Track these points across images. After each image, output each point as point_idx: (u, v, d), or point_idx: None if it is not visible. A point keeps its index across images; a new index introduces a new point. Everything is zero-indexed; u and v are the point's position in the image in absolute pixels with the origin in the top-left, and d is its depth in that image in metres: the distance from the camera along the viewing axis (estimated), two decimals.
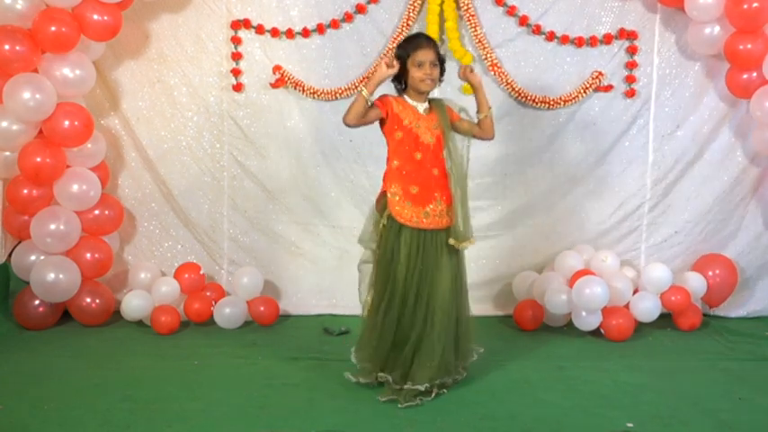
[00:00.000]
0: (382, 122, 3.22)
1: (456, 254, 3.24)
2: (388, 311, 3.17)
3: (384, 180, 3.26)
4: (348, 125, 3.14)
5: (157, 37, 4.42)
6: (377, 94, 3.17)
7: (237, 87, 4.42)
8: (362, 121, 3.13)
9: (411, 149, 3.19)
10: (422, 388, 3.10)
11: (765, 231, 4.55)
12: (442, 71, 3.26)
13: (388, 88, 3.28)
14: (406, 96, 3.26)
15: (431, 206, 3.18)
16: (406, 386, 3.11)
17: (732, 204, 4.55)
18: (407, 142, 3.19)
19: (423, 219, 3.17)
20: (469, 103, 4.54)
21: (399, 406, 3.06)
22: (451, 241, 3.19)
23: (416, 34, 3.36)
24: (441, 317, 3.15)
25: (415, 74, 3.16)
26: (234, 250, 4.57)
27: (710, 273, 4.40)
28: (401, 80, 3.24)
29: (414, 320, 3.17)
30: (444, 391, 3.20)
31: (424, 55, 3.15)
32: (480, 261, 4.51)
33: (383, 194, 3.23)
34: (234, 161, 4.50)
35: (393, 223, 3.17)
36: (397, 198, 3.17)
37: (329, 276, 4.55)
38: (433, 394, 3.15)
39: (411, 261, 3.16)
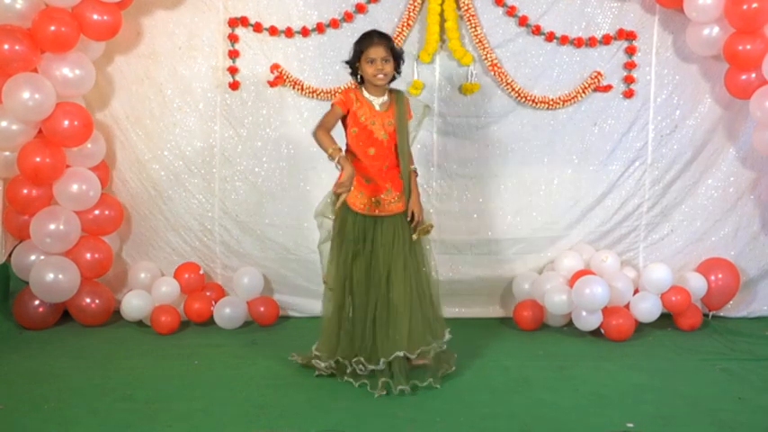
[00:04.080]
0: (343, 117, 3.38)
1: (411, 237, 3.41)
2: (343, 293, 3.38)
3: None
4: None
5: (152, 34, 4.39)
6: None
7: (234, 85, 4.39)
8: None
9: (365, 145, 3.36)
10: (388, 360, 3.23)
11: (763, 231, 4.55)
12: (399, 64, 3.39)
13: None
14: (364, 90, 3.40)
15: (383, 195, 3.40)
16: (378, 366, 3.24)
17: (729, 204, 4.55)
18: (362, 138, 3.36)
19: (375, 208, 3.38)
20: (469, 103, 4.55)
21: (394, 391, 3.17)
22: (414, 236, 3.38)
23: (369, 32, 3.42)
24: (398, 293, 3.29)
25: (367, 70, 3.32)
26: (226, 255, 4.53)
27: (713, 276, 4.39)
28: (357, 74, 3.40)
29: (371, 300, 3.33)
30: (431, 380, 3.27)
31: (375, 52, 3.30)
32: (481, 261, 4.52)
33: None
34: (226, 161, 4.46)
35: (348, 210, 3.37)
36: (353, 188, 3.32)
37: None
38: (437, 380, 3.28)
39: (364, 244, 3.35)
